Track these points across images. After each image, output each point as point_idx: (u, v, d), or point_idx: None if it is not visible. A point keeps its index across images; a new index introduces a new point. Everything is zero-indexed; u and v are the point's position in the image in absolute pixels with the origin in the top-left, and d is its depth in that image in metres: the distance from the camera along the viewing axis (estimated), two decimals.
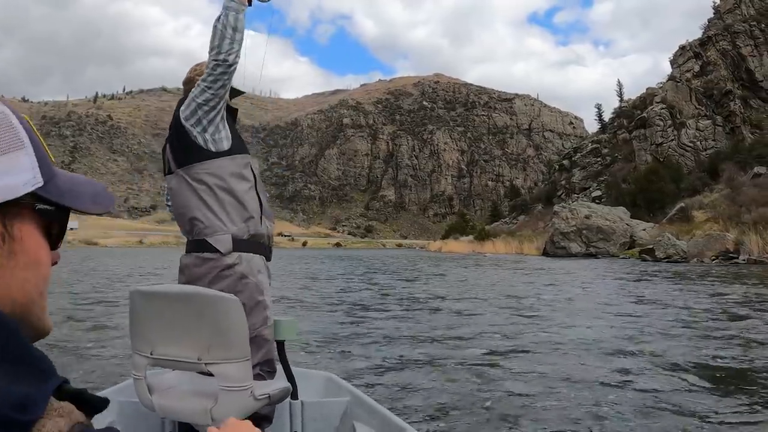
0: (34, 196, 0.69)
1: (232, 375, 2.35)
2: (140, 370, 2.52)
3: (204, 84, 2.72)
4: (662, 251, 32.23)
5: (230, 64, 2.71)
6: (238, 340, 2.37)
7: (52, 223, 0.74)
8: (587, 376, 6.12)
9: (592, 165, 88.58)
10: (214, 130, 2.78)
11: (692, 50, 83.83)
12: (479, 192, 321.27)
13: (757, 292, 14.93)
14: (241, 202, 2.81)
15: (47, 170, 0.72)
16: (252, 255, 2.83)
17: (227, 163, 2.80)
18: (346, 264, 38.30)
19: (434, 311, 11.93)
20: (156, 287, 2.51)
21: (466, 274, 25.67)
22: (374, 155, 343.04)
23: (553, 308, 12.22)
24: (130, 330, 2.55)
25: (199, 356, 2.35)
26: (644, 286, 17.18)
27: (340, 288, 18.35)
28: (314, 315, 11.38)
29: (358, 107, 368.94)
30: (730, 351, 7.29)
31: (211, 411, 2.35)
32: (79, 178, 0.80)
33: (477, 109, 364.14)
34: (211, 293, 2.41)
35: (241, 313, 2.37)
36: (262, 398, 2.47)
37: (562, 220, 47.26)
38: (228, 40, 2.68)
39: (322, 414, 3.17)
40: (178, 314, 2.40)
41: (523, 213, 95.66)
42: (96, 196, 0.80)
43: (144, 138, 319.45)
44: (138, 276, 24.11)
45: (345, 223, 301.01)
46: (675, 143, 74.26)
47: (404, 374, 6.33)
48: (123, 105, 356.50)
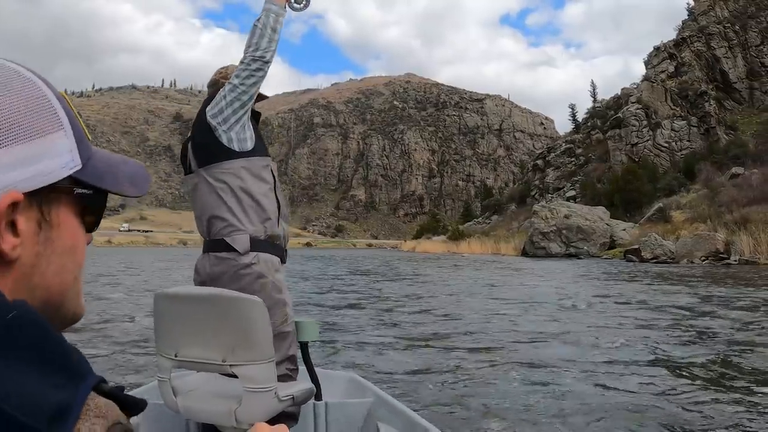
0: (71, 180, 0.67)
1: (256, 376, 2.36)
2: (165, 372, 2.53)
3: (237, 80, 2.78)
4: (649, 252, 31.40)
5: (266, 61, 2.79)
6: (262, 342, 2.38)
7: (87, 206, 0.71)
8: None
9: (566, 165, 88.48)
10: (240, 129, 2.82)
11: (667, 51, 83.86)
12: (450, 192, 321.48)
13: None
14: (259, 203, 2.83)
15: (85, 151, 0.70)
16: (269, 255, 2.83)
17: (248, 164, 2.82)
18: (324, 265, 37.11)
19: (448, 317, 10.91)
20: (180, 289, 2.56)
21: (455, 274, 24.63)
22: (345, 155, 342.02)
23: (585, 314, 11.18)
24: (155, 332, 2.57)
25: (223, 358, 2.36)
26: (656, 291, 16.02)
27: (334, 289, 17.35)
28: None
29: (329, 106, 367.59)
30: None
31: (236, 412, 2.36)
32: (114, 157, 0.77)
33: (448, 109, 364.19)
34: (235, 295, 2.43)
35: (264, 315, 2.39)
36: (286, 399, 2.48)
37: (541, 220, 46.40)
38: (267, 39, 2.78)
39: (345, 415, 3.19)
40: (202, 316, 2.41)
41: (496, 213, 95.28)
42: (134, 177, 0.77)
43: (113, 136, 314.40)
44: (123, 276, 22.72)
45: (315, 222, 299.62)
46: (650, 143, 74.18)
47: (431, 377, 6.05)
48: (92, 103, 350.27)
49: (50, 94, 0.67)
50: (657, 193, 58.34)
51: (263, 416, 2.41)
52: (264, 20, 2.78)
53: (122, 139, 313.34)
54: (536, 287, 17.37)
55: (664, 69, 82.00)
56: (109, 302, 13.20)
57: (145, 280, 21.52)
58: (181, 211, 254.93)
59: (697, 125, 73.63)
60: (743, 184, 43.55)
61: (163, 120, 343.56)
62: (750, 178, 43.93)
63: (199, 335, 2.43)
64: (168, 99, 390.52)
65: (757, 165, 50.44)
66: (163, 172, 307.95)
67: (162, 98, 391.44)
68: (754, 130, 65.89)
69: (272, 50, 2.80)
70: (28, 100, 0.64)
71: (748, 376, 6.04)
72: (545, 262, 35.75)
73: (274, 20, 2.79)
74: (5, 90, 0.62)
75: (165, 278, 22.81)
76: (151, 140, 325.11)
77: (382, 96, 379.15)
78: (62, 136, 0.66)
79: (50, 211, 0.65)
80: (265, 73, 2.81)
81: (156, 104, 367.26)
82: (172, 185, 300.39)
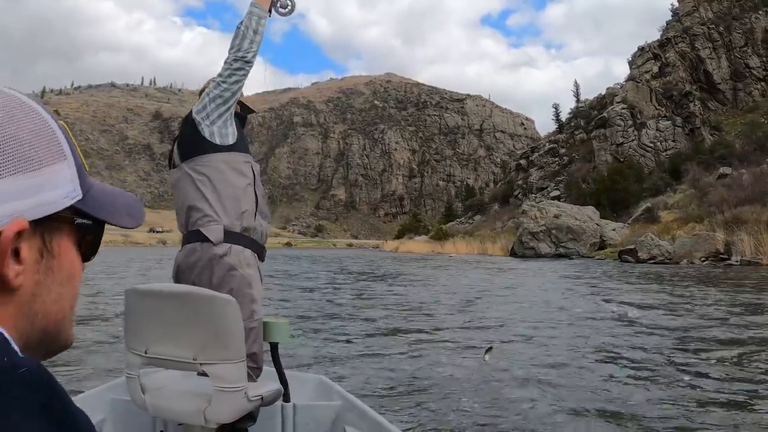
0: (72, 210, 0.68)
1: (226, 376, 2.35)
2: (134, 369, 2.51)
3: (219, 78, 2.90)
4: (645, 252, 30.75)
5: (247, 61, 2.91)
6: (234, 341, 2.37)
7: (86, 236, 0.72)
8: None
9: (549, 165, 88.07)
10: (222, 124, 2.91)
11: (651, 51, 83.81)
12: (430, 192, 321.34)
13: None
14: (236, 197, 2.86)
15: (84, 181, 0.70)
16: (242, 248, 2.86)
17: (228, 158, 2.89)
18: (316, 266, 36.25)
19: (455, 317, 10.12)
20: (152, 285, 2.51)
21: (452, 276, 23.90)
22: (325, 154, 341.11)
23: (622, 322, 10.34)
24: (125, 328, 2.55)
25: (194, 356, 2.35)
26: (686, 295, 15.31)
27: (327, 291, 16.59)
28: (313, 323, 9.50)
29: (310, 106, 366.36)
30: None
31: (205, 411, 2.35)
32: (113, 190, 0.77)
33: (428, 109, 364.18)
34: (209, 293, 2.42)
35: (237, 314, 2.38)
36: (255, 399, 2.47)
37: (530, 220, 45.71)
38: (248, 41, 2.91)
39: (313, 417, 3.17)
40: (175, 313, 2.40)
41: (479, 213, 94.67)
42: (130, 209, 0.77)
43: (92, 134, 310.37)
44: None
45: (295, 222, 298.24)
46: (636, 143, 73.98)
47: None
48: (71, 100, 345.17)
49: (53, 125, 0.68)
50: (643, 194, 58.23)
51: (232, 416, 2.41)
52: (247, 22, 2.91)
53: (101, 138, 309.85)
54: (563, 295, 15.66)
55: (649, 69, 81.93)
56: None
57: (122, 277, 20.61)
58: (160, 210, 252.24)
59: (681, 125, 73.61)
60: (733, 184, 43.23)
61: (143, 118, 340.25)
62: (740, 178, 43.64)
63: (170, 332, 2.39)
64: (147, 97, 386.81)
65: (744, 165, 50.44)
66: (142, 170, 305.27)
67: (141, 96, 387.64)
68: (738, 130, 66.02)
69: (253, 51, 2.92)
70: (33, 131, 0.64)
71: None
72: (538, 262, 34.95)
73: (257, 22, 2.92)
74: (11, 120, 0.62)
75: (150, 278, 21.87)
76: (130, 138, 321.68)
77: (362, 95, 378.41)
78: (65, 167, 0.67)
79: (52, 240, 0.66)
80: (247, 72, 2.92)
81: (135, 102, 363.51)
82: (152, 184, 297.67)
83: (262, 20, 2.94)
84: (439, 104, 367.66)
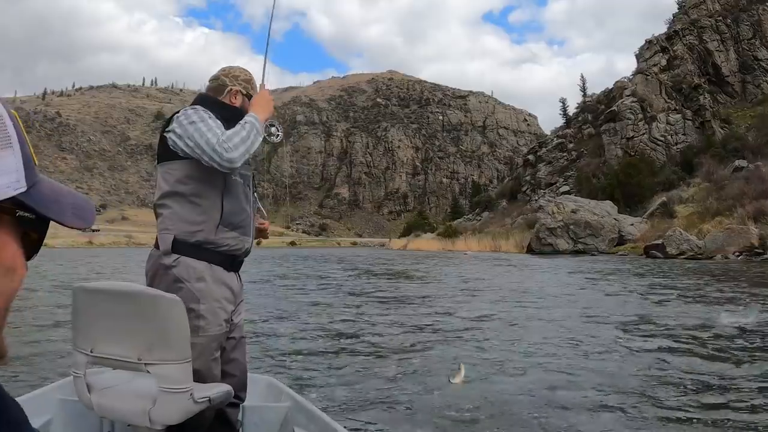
0: (15, 201, 0.63)
1: (171, 376, 2.34)
2: (80, 368, 2.50)
3: (191, 142, 2.67)
4: (675, 247, 30.24)
5: (228, 168, 2.66)
6: (179, 342, 2.36)
7: (28, 232, 0.67)
8: None
9: (558, 160, 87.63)
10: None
11: (659, 44, 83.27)
12: (434, 189, 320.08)
13: None
14: (198, 206, 2.76)
15: (31, 175, 0.66)
16: (193, 261, 2.72)
17: (195, 167, 2.75)
18: (329, 265, 35.84)
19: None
20: (99, 283, 2.49)
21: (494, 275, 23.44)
22: (328, 152, 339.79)
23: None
24: (72, 327, 2.54)
25: (139, 356, 2.34)
26: None
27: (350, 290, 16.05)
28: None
29: (312, 104, 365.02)
30: None
31: (150, 412, 2.33)
32: (62, 188, 0.73)
33: (431, 106, 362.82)
34: (154, 293, 2.41)
35: (183, 315, 2.36)
36: (202, 401, 2.42)
37: (548, 215, 45.24)
38: (243, 152, 2.71)
39: (262, 419, 3.16)
40: (121, 313, 2.38)
41: (486, 209, 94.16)
42: (79, 210, 0.73)
43: (93, 135, 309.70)
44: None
45: (299, 221, 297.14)
46: (646, 137, 73.39)
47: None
48: (72, 101, 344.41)
49: (3, 112, 0.65)
50: (656, 188, 57.78)
51: (178, 417, 2.37)
52: (248, 132, 2.73)
53: (103, 138, 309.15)
54: (656, 303, 12.82)
55: (657, 62, 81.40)
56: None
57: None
58: None
59: (692, 119, 73.02)
60: (751, 177, 42.82)
61: (144, 119, 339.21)
62: (759, 171, 43.18)
63: (116, 332, 2.38)
64: (149, 98, 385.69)
65: (757, 158, 50.04)
66: (144, 171, 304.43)
67: (143, 97, 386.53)
68: (748, 123, 65.52)
69: (240, 162, 2.69)
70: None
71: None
72: (558, 259, 34.38)
73: (254, 139, 2.77)
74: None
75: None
76: (132, 139, 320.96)
77: (365, 93, 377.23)
78: (10, 155, 0.63)
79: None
80: (220, 168, 2.65)
81: (137, 103, 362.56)
82: (154, 185, 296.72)
83: (258, 137, 2.84)
84: (441, 101, 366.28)
